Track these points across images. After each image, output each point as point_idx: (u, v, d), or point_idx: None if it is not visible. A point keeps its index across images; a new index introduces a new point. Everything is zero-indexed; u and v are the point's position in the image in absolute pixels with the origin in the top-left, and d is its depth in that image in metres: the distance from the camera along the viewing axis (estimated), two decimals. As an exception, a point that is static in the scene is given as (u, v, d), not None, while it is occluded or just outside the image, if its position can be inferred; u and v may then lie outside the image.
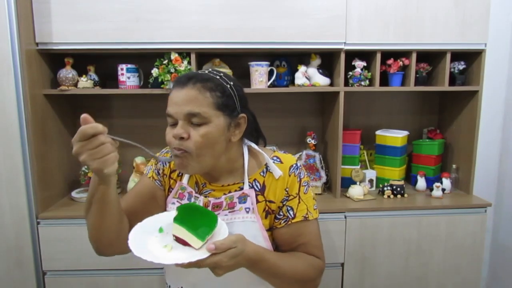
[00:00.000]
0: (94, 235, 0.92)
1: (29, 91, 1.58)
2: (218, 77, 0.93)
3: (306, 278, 0.95)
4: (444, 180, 1.93)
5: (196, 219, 0.83)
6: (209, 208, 0.98)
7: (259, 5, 1.68)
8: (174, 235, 0.84)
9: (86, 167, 1.91)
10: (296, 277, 0.94)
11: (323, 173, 1.92)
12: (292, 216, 0.98)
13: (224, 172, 1.00)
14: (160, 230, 0.88)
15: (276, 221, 0.99)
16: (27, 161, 1.59)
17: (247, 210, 0.96)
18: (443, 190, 1.89)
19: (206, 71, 0.95)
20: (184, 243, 0.82)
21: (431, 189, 1.88)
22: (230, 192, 0.99)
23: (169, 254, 0.81)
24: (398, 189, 1.87)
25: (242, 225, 0.95)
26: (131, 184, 1.86)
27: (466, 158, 1.93)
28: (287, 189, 0.98)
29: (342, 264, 1.77)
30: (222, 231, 0.85)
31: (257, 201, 0.98)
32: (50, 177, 1.78)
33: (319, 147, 2.08)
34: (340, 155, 1.85)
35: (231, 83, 0.94)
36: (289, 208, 0.98)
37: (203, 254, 0.78)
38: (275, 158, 1.02)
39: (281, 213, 0.98)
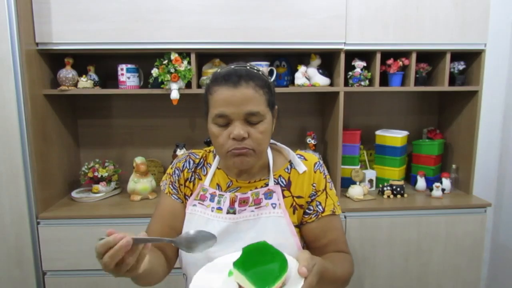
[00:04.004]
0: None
1: (29, 91, 1.58)
2: (260, 73, 0.95)
3: (350, 276, 0.99)
4: (444, 180, 1.93)
5: (260, 263, 0.76)
6: (236, 203, 0.97)
7: (259, 5, 1.68)
8: (238, 283, 0.78)
9: (86, 167, 1.91)
10: (346, 277, 0.96)
11: (323, 173, 1.92)
12: (322, 210, 1.00)
13: (256, 166, 1.01)
14: (230, 273, 0.81)
15: (306, 216, 1.00)
16: (27, 161, 1.59)
17: (274, 205, 0.97)
18: (443, 190, 1.89)
19: (247, 67, 0.94)
20: None
21: (431, 189, 1.88)
22: (256, 188, 1.00)
23: None
24: (398, 189, 1.87)
25: (270, 220, 0.96)
26: (131, 184, 1.85)
27: (466, 158, 1.94)
28: (314, 185, 1.01)
29: (342, 264, 1.77)
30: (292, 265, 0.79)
31: (284, 197, 0.99)
32: (50, 177, 1.78)
33: (319, 147, 2.08)
34: (340, 155, 1.85)
35: (270, 78, 0.97)
36: (318, 203, 1.00)
37: None
38: (298, 155, 1.04)
39: (310, 208, 1.00)
